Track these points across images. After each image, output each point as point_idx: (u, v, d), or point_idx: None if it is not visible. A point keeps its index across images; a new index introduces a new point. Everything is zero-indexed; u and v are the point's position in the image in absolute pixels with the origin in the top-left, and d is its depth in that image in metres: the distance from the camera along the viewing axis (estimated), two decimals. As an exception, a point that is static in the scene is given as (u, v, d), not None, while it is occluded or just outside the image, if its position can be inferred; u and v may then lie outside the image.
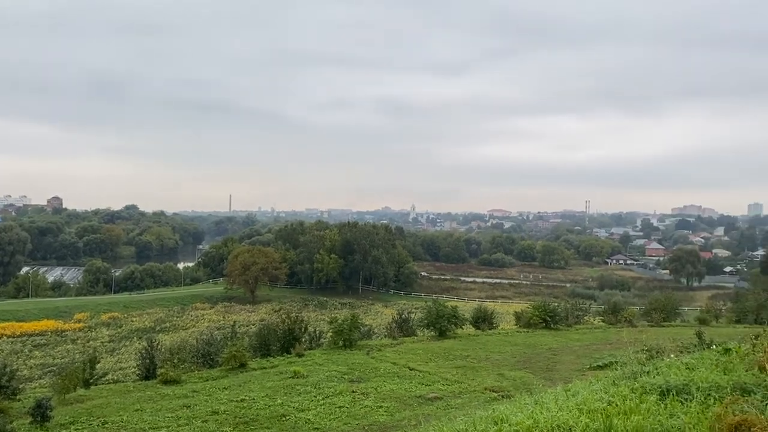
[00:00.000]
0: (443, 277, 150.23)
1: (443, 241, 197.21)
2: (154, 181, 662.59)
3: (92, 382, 28.55)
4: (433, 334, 40.71)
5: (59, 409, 23.35)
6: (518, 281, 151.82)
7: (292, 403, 23.05)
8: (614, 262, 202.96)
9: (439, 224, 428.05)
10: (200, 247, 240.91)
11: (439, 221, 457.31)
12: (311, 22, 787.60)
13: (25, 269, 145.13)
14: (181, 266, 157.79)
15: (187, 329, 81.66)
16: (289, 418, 21.28)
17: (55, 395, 24.96)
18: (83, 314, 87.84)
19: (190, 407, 23.25)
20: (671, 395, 8.56)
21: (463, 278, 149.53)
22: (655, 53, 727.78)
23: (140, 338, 70.61)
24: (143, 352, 33.31)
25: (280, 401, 23.33)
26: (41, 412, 21.61)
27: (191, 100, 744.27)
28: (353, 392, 24.46)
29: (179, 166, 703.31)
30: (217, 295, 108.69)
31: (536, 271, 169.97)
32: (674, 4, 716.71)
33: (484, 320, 45.14)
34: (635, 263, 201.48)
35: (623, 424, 7.44)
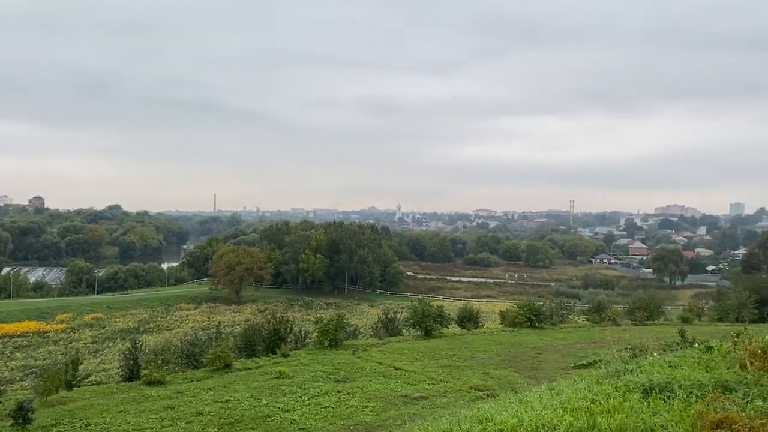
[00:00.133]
0: (429, 276, 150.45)
1: (429, 240, 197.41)
2: (137, 180, 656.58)
3: (75, 383, 28.28)
4: (418, 333, 40.69)
5: (41, 411, 23.11)
6: (503, 280, 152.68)
7: (277, 403, 22.97)
8: (598, 261, 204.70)
9: (425, 224, 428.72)
10: (185, 247, 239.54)
11: (425, 221, 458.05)
12: (298, 21, 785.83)
13: (6, 270, 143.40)
14: (165, 266, 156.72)
15: (171, 330, 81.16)
16: (274, 418, 21.19)
17: (36, 397, 24.66)
18: (66, 315, 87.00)
19: (174, 408, 23.09)
20: (654, 393, 8.65)
21: (448, 278, 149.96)
22: (639, 54, 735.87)
23: (124, 339, 70.11)
24: (127, 353, 33.04)
25: (265, 402, 23.23)
26: (23, 414, 21.37)
27: (176, 99, 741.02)
28: (339, 392, 24.40)
29: (164, 166, 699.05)
30: (201, 295, 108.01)
31: (521, 270, 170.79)
32: (657, 6, 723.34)
33: (469, 319, 45.18)
34: (619, 262, 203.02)
35: (607, 422, 7.50)
